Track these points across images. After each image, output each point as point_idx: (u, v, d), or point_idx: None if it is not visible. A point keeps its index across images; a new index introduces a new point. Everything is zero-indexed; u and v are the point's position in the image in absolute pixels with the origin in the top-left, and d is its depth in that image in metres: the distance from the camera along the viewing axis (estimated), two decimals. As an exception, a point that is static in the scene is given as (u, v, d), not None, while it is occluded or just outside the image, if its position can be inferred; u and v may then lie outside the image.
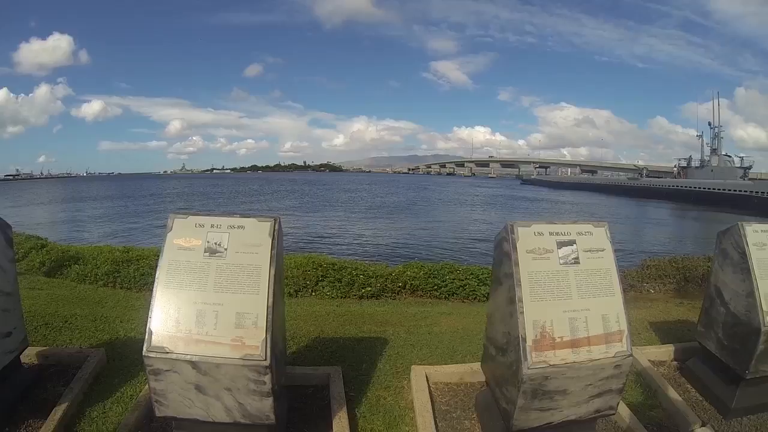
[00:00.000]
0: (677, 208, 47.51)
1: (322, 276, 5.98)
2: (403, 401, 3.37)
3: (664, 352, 4.16)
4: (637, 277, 7.51)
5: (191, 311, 2.42)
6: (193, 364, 2.34)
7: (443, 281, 6.26)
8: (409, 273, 6.30)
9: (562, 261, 2.70)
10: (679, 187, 60.28)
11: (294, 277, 5.87)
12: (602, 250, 2.81)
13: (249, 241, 2.61)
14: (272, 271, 2.56)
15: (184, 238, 2.60)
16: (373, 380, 3.59)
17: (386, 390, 3.49)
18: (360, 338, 4.24)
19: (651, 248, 19.53)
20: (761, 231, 3.46)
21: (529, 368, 2.47)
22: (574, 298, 2.64)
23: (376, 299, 5.98)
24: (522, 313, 2.53)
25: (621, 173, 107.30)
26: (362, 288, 5.94)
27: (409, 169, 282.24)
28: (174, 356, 2.35)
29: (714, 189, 53.32)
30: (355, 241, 22.29)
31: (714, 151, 64.19)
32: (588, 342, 2.61)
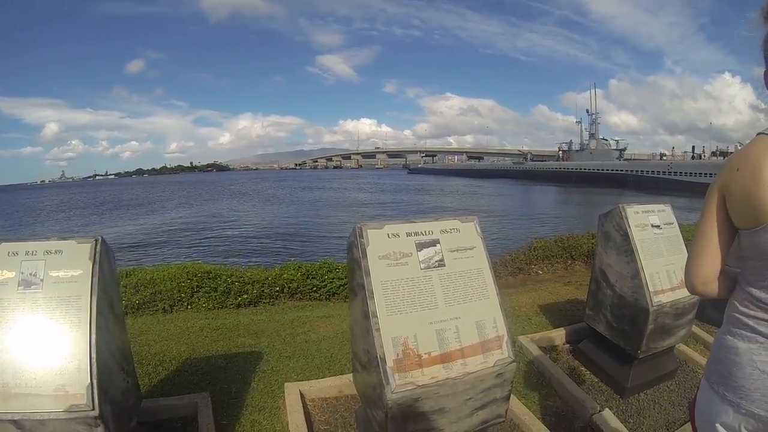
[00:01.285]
0: (561, 189, 50.51)
1: (197, 286, 5.32)
2: (279, 424, 2.93)
3: (555, 336, 3.98)
4: (524, 260, 7.39)
5: (6, 359, 1.96)
6: (17, 424, 1.92)
7: (322, 281, 5.76)
8: (286, 275, 5.75)
9: (423, 265, 2.27)
10: (562, 169, 64.78)
11: (168, 291, 5.18)
12: (472, 248, 2.41)
13: (67, 269, 2.13)
14: (94, 302, 2.06)
15: (-3, 270, 2.09)
16: (247, 403, 3.11)
17: (261, 413, 3.03)
18: (233, 354, 3.73)
19: (538, 229, 19.59)
20: (642, 212, 3.26)
21: (393, 392, 2.04)
22: (440, 306, 2.23)
23: (255, 306, 5.44)
24: (378, 330, 2.09)
25: (507, 158, 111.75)
26: (239, 296, 5.37)
27: (296, 165, 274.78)
28: (-6, 416, 1.90)
29: (593, 170, 57.90)
30: (237, 243, 19.96)
31: (592, 135, 68.70)
32: (462, 354, 2.22)
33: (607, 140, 68.27)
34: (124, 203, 49.19)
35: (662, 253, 3.24)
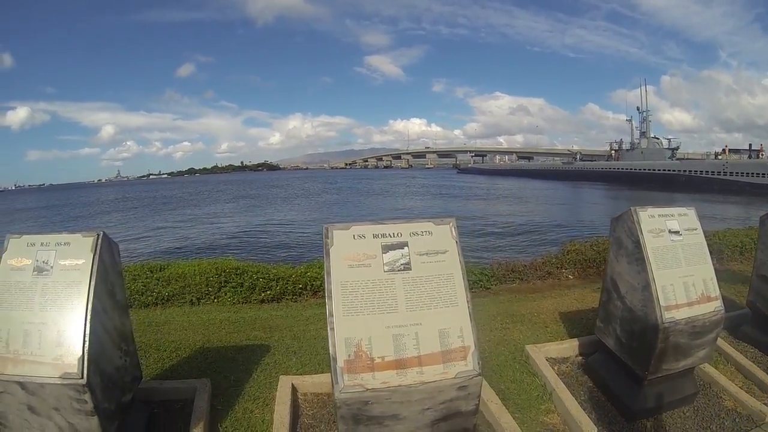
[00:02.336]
0: (610, 189, 47.02)
1: (224, 281, 5.51)
2: (269, 414, 2.98)
3: (567, 347, 3.63)
4: (556, 263, 6.88)
5: (19, 332, 2.25)
6: (22, 385, 2.18)
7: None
8: (310, 273, 5.78)
9: (387, 268, 2.18)
10: (612, 169, 61.21)
11: (197, 285, 5.43)
12: (444, 252, 2.28)
13: (72, 258, 2.38)
14: (92, 287, 2.29)
15: (17, 258, 2.41)
16: (245, 392, 3.21)
17: (255, 402, 3.11)
18: (243, 346, 3.84)
19: (578, 232, 17.77)
20: (658, 216, 2.86)
21: (341, 392, 2.02)
22: (400, 311, 2.13)
23: (277, 302, 5.52)
24: (332, 329, 2.07)
25: (556, 158, 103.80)
26: (263, 292, 5.48)
27: (346, 164, 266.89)
28: (5, 378, 2.20)
29: (644, 169, 54.33)
30: (277, 240, 19.36)
31: (643, 134, 63.35)
32: (419, 362, 2.10)
33: (658, 139, 62.39)
34: (174, 201, 49.81)
35: (680, 263, 2.83)
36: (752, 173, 40.82)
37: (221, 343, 3.88)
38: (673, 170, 49.86)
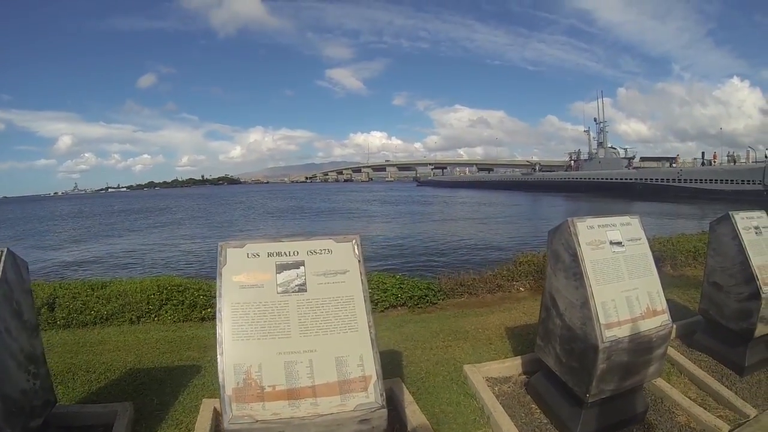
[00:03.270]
0: (569, 199, 46.85)
1: (165, 299, 5.20)
2: (188, 440, 2.64)
3: (510, 366, 3.33)
4: (507, 276, 6.54)
5: None
6: None
7: None
8: None
9: (281, 289, 1.95)
10: (571, 179, 61.57)
11: (137, 303, 5.11)
12: (344, 272, 2.04)
13: None
14: None
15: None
16: (168, 416, 2.94)
17: (177, 427, 2.85)
18: (175, 367, 3.57)
19: (539, 240, 16.44)
20: (598, 226, 2.59)
21: (229, 423, 1.78)
22: (293, 336, 1.89)
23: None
24: (221, 354, 1.84)
25: (516, 169, 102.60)
26: (204, 309, 5.17)
27: (306, 178, 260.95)
28: None
29: (602, 179, 54.79)
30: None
31: (600, 144, 64.14)
32: (313, 392, 1.85)
33: (615, 149, 63.43)
34: (131, 215, 44.64)
35: (622, 276, 2.55)
36: (705, 179, 41.82)
37: (153, 363, 3.61)
38: (630, 179, 50.48)
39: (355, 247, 2.05)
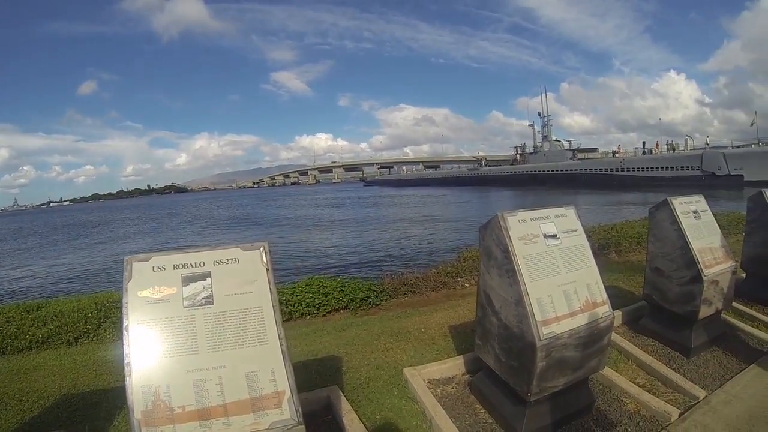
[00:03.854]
0: (517, 192, 47.49)
1: (104, 317, 4.88)
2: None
3: (451, 366, 3.21)
4: (451, 272, 6.46)
5: None
6: None
7: None
8: None
9: (187, 303, 1.78)
10: (517, 173, 62.14)
11: (74, 323, 4.74)
12: (253, 282, 1.87)
13: None
14: None
15: None
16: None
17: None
18: (110, 389, 3.27)
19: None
20: (530, 220, 2.49)
21: None
22: (201, 352, 1.73)
23: None
24: (129, 375, 1.67)
25: (462, 165, 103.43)
26: None
27: (254, 183, 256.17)
28: None
29: (548, 171, 55.57)
30: None
31: (545, 137, 65.34)
32: (225, 411, 1.69)
33: (560, 141, 64.88)
34: (73, 230, 41.30)
35: (558, 270, 2.46)
36: (646, 168, 43.27)
37: (88, 387, 3.36)
38: (575, 170, 51.45)
39: (263, 255, 1.91)
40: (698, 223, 3.55)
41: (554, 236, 2.52)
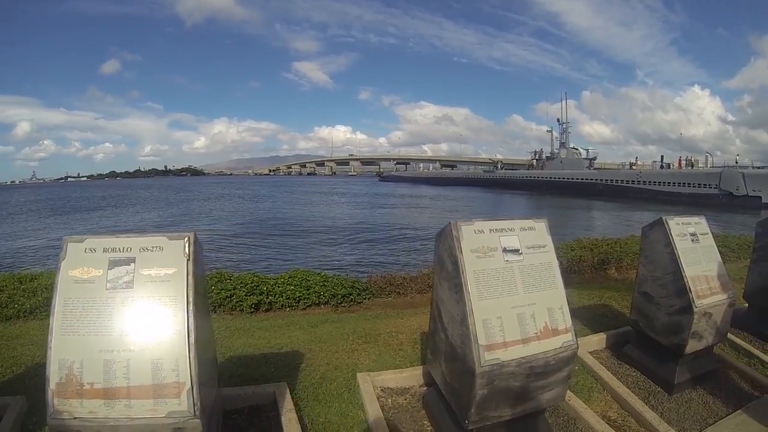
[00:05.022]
0: (532, 197, 45.44)
1: None
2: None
3: (408, 376, 2.97)
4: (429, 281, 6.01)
5: None
6: None
7: (209, 292, 4.96)
8: None
9: (110, 285, 1.77)
10: (532, 178, 59.52)
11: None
12: (172, 271, 1.79)
13: None
14: None
15: None
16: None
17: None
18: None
19: None
20: (489, 231, 2.22)
21: (51, 418, 1.68)
22: (114, 334, 1.72)
23: None
24: (50, 348, 1.71)
25: (479, 167, 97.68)
26: None
27: (270, 170, 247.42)
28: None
29: (564, 178, 52.83)
30: None
31: (563, 144, 61.91)
32: (128, 393, 1.68)
33: (577, 149, 61.36)
34: (91, 205, 41.64)
35: (515, 290, 2.19)
36: (663, 182, 40.84)
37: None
38: (591, 179, 48.88)
39: (187, 245, 1.82)
40: (695, 247, 3.16)
41: (516, 251, 2.25)
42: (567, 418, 2.72)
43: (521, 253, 2.26)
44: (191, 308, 1.72)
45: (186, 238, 1.81)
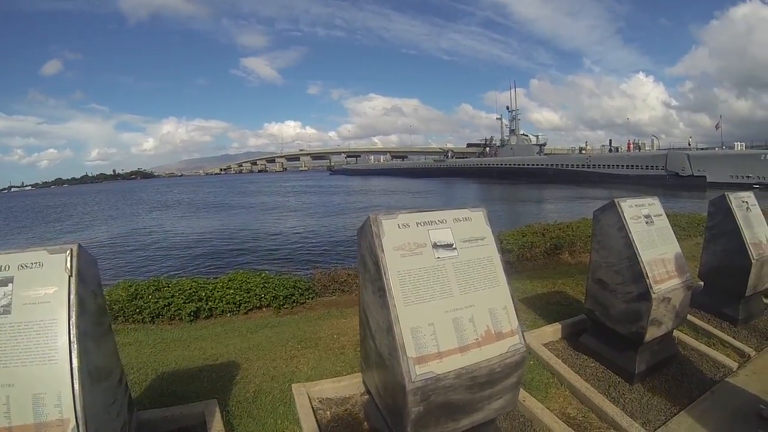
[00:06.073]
0: (483, 184, 45.19)
1: None
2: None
3: (347, 385, 2.54)
4: None
5: None
6: None
7: (146, 302, 4.46)
8: (110, 297, 4.46)
9: None
10: (483, 165, 59.30)
11: None
12: (53, 290, 1.43)
13: None
14: None
15: None
16: None
17: None
18: None
19: None
20: (416, 224, 1.81)
21: None
22: None
23: None
24: None
25: (430, 157, 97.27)
26: None
27: (221, 170, 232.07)
28: None
29: (515, 165, 52.99)
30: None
31: (513, 131, 62.37)
32: None
33: (527, 136, 61.90)
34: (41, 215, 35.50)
35: (450, 291, 1.79)
36: (612, 165, 41.59)
37: None
38: (542, 165, 49.16)
39: (69, 259, 1.46)
40: (650, 229, 2.84)
41: (449, 246, 1.84)
42: (523, 420, 2.37)
43: (455, 248, 1.85)
44: (75, 332, 1.39)
45: (68, 251, 1.47)
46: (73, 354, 1.38)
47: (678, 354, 3.06)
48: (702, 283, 3.94)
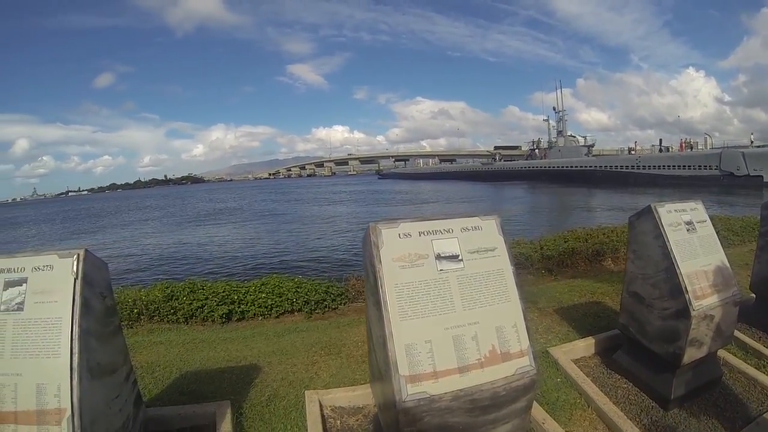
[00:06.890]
0: (531, 187, 42.38)
1: None
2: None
3: (362, 395, 2.44)
4: None
5: None
6: None
7: (181, 303, 4.53)
8: (147, 297, 4.58)
9: (3, 307, 1.54)
10: (531, 168, 56.04)
11: None
12: (60, 291, 1.52)
13: None
14: None
15: None
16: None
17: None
18: None
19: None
20: (420, 234, 1.69)
21: None
22: (5, 358, 1.50)
23: None
24: None
25: (478, 159, 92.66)
26: None
27: (270, 174, 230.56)
28: None
29: (562, 167, 49.47)
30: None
31: (560, 133, 58.13)
32: (15, 418, 1.45)
33: (575, 137, 57.97)
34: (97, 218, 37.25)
35: (452, 307, 1.62)
36: (663, 166, 38.19)
37: None
38: (590, 166, 45.84)
39: (75, 263, 1.54)
40: (692, 237, 2.49)
41: (454, 257, 1.66)
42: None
43: (461, 260, 1.67)
44: (77, 330, 1.47)
45: (75, 256, 1.55)
46: (74, 350, 1.46)
47: (722, 377, 2.67)
48: (754, 295, 3.45)
